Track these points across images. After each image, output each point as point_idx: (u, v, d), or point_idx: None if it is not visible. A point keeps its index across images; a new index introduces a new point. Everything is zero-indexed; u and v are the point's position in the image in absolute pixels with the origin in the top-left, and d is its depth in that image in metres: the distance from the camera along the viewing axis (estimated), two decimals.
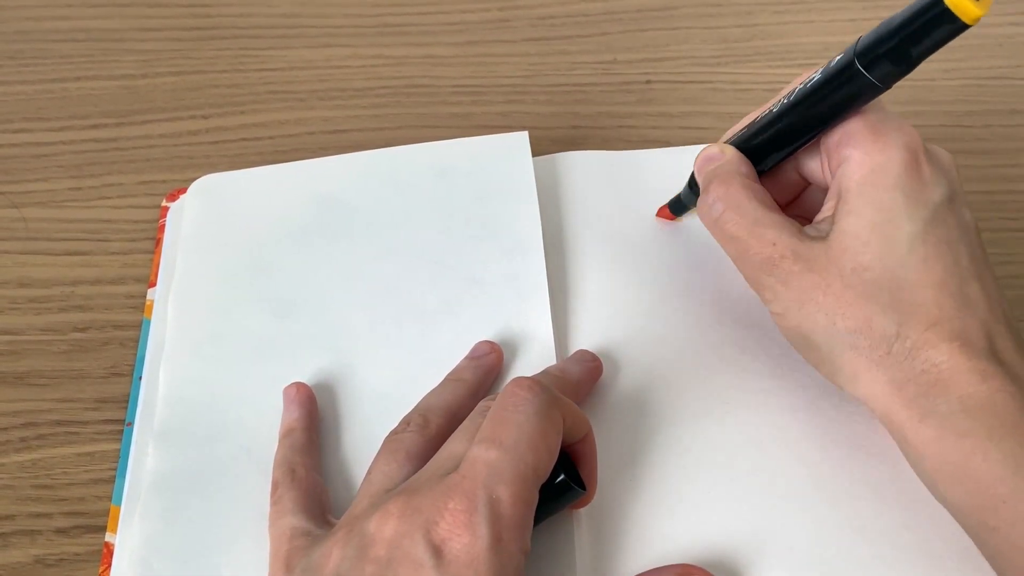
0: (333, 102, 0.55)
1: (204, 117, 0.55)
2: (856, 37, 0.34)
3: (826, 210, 0.36)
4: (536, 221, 0.45)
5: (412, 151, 0.49)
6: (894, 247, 0.34)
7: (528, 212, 0.46)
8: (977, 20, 0.30)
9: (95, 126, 0.54)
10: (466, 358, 0.41)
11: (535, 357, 0.41)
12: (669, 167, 0.48)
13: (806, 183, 0.40)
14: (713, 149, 0.39)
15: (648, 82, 0.56)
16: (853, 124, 0.35)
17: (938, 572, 0.35)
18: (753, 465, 0.38)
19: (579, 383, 0.39)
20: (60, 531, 0.40)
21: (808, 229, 0.36)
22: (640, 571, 0.35)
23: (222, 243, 0.46)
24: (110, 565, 0.38)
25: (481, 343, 0.41)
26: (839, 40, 0.57)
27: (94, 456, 0.42)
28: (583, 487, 0.35)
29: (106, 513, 0.40)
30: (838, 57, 0.35)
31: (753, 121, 0.39)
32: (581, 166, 0.48)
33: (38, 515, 0.40)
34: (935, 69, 0.55)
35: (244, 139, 0.54)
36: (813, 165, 0.38)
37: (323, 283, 0.44)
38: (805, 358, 0.37)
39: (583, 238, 0.46)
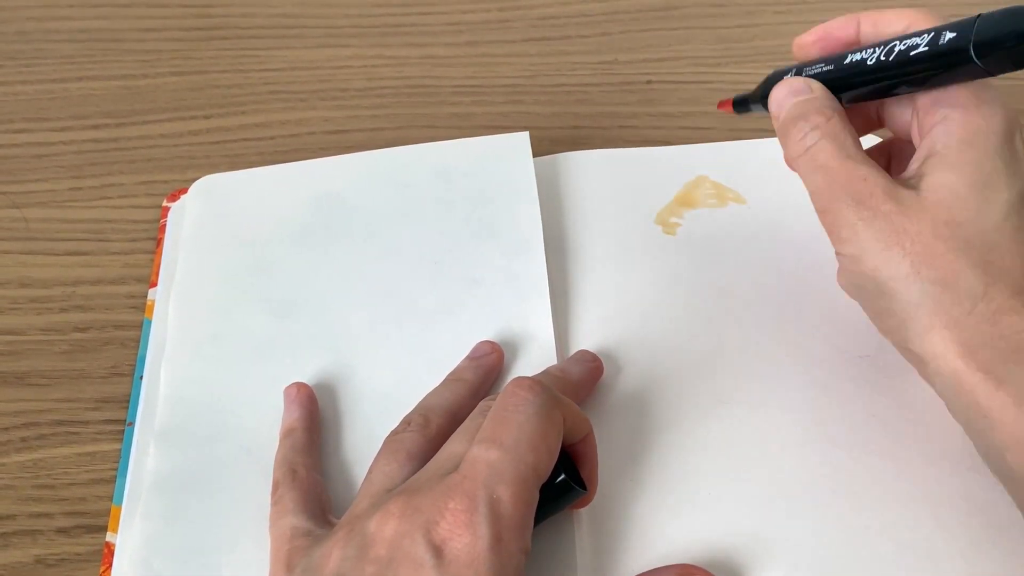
0: (334, 102, 0.55)
1: (205, 117, 0.55)
2: (975, 12, 0.32)
3: (916, 163, 0.35)
4: (537, 221, 0.45)
5: (413, 151, 0.49)
6: (991, 210, 0.33)
7: (529, 212, 0.46)
8: None
9: (96, 126, 0.55)
10: (467, 358, 0.41)
11: (536, 357, 0.41)
12: (670, 166, 0.48)
13: (880, 125, 0.39)
14: (800, 83, 0.38)
15: (649, 82, 0.56)
16: (955, 86, 0.35)
17: (940, 572, 0.35)
18: (753, 465, 0.38)
19: (580, 383, 0.39)
20: (61, 531, 0.40)
21: (897, 179, 0.35)
22: (641, 571, 0.35)
23: (223, 243, 0.46)
24: (111, 565, 0.38)
25: (482, 343, 0.41)
26: None
27: (95, 456, 0.42)
28: (584, 487, 0.35)
29: (107, 513, 0.40)
30: (949, 35, 0.33)
31: (839, 58, 0.37)
32: (582, 166, 0.48)
33: (39, 515, 0.40)
34: None
35: (245, 139, 0.54)
36: (902, 116, 0.38)
37: (324, 283, 0.44)
38: (868, 307, 0.35)
39: (584, 238, 0.46)
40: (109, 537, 0.39)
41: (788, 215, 0.45)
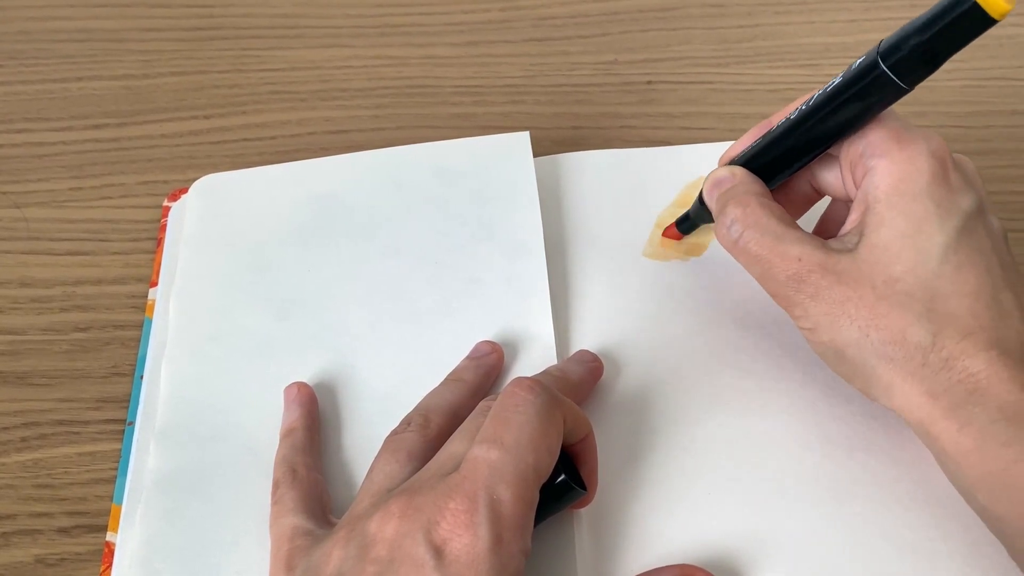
0: (334, 102, 0.55)
1: (206, 117, 0.55)
2: (872, 38, 0.33)
3: (852, 222, 0.35)
4: (537, 221, 0.45)
5: (413, 151, 0.49)
6: (927, 257, 0.33)
7: (529, 212, 0.46)
8: (1005, 15, 0.30)
9: (97, 126, 0.55)
10: (467, 358, 0.41)
11: (536, 357, 0.41)
12: (670, 166, 0.48)
13: (818, 196, 0.39)
14: (722, 172, 0.39)
15: (649, 83, 0.56)
16: (876, 134, 0.35)
17: (940, 572, 0.35)
18: (753, 465, 0.38)
19: (580, 383, 0.39)
20: (61, 531, 0.40)
21: (832, 243, 0.35)
22: (640, 571, 0.35)
23: (223, 243, 0.46)
24: (111, 564, 0.38)
25: (482, 343, 0.41)
26: (839, 40, 0.57)
27: (95, 456, 0.42)
28: (584, 487, 0.35)
29: (107, 513, 0.40)
30: (858, 60, 0.34)
31: (764, 135, 0.38)
32: (582, 167, 0.48)
33: (39, 515, 0.40)
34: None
35: (245, 139, 0.54)
36: (830, 177, 0.38)
37: (324, 283, 0.44)
38: (837, 372, 0.36)
39: (584, 238, 0.46)
40: (109, 537, 0.39)
41: None
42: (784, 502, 0.37)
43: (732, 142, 0.49)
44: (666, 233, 0.45)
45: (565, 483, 0.34)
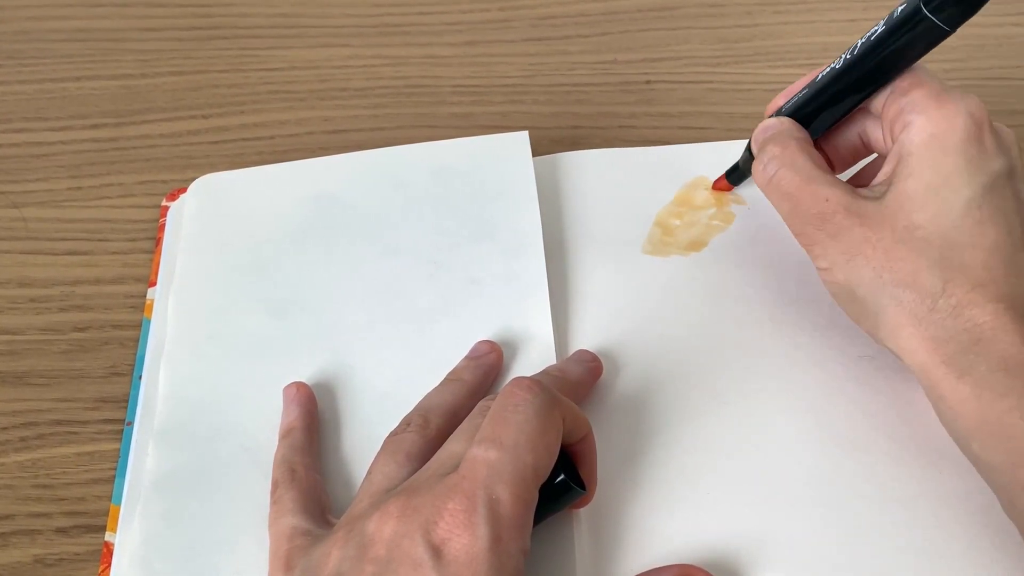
0: (333, 102, 0.55)
1: (204, 117, 0.55)
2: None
3: (883, 173, 0.37)
4: (536, 221, 0.45)
5: (412, 151, 0.49)
6: (949, 209, 0.34)
7: (528, 212, 0.46)
8: None
9: (95, 126, 0.55)
10: (466, 358, 0.41)
11: (535, 357, 0.41)
12: (669, 165, 0.48)
13: (866, 151, 0.41)
14: (771, 121, 0.40)
15: (648, 82, 0.56)
16: (917, 92, 0.36)
17: (939, 571, 0.35)
18: (753, 465, 0.38)
19: (579, 383, 0.39)
20: (60, 531, 0.40)
21: (862, 190, 0.37)
22: (640, 571, 0.35)
23: (222, 243, 0.46)
24: (110, 564, 0.38)
25: (481, 343, 0.41)
26: (839, 40, 0.57)
27: (94, 456, 0.42)
28: (583, 487, 0.35)
29: (106, 513, 0.40)
30: (899, 8, 0.36)
31: (811, 82, 0.39)
32: (581, 166, 0.48)
33: (38, 515, 0.40)
34: (935, 69, 0.54)
35: (244, 139, 0.54)
36: (877, 133, 0.39)
37: (323, 283, 0.44)
38: (848, 312, 0.37)
39: (583, 238, 0.46)
40: (108, 537, 0.39)
41: None
42: (784, 502, 0.37)
43: (732, 141, 0.49)
44: (716, 185, 0.47)
45: (564, 483, 0.34)
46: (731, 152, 0.47)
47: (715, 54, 0.57)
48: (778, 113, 0.41)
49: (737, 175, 0.46)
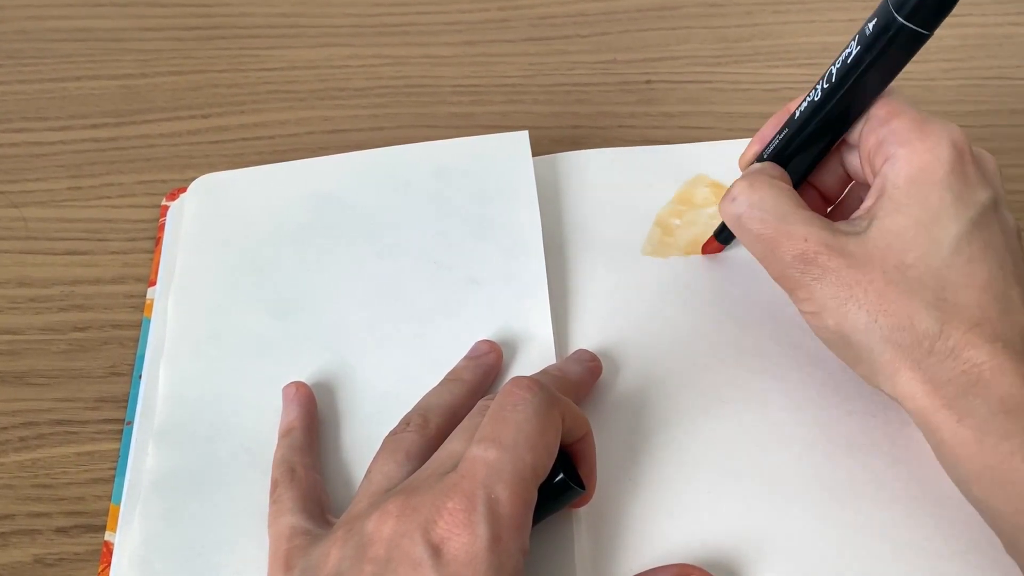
0: (333, 102, 0.55)
1: (204, 117, 0.55)
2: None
3: (864, 208, 0.35)
4: (536, 221, 0.45)
5: (412, 150, 0.49)
6: (939, 247, 0.33)
7: (528, 212, 0.46)
8: None
9: (95, 126, 0.55)
10: (465, 358, 0.41)
11: (535, 357, 0.41)
12: (669, 165, 0.48)
13: (850, 180, 0.39)
14: (750, 167, 0.39)
15: (648, 82, 0.56)
16: (898, 122, 0.35)
17: (939, 572, 0.35)
18: (752, 465, 0.38)
19: (578, 383, 0.39)
20: (60, 530, 0.40)
21: (840, 224, 0.35)
22: (639, 571, 0.35)
23: (222, 242, 0.46)
24: (110, 564, 0.38)
25: (480, 342, 0.41)
26: (839, 40, 0.57)
27: (94, 455, 0.42)
28: (582, 486, 0.35)
29: (106, 512, 0.40)
30: (870, 24, 0.33)
31: (789, 120, 0.38)
32: (581, 166, 0.48)
33: (38, 515, 0.40)
34: (935, 69, 0.55)
35: (244, 139, 0.54)
36: (854, 162, 0.38)
37: (323, 282, 0.44)
38: (840, 357, 0.36)
39: (583, 237, 0.46)
40: (108, 536, 0.39)
41: None
42: (784, 502, 0.37)
43: (731, 141, 0.49)
44: (706, 248, 0.44)
45: (564, 482, 0.34)
46: (731, 152, 0.47)
47: (715, 54, 0.57)
48: (760, 159, 0.39)
49: (727, 234, 0.43)
